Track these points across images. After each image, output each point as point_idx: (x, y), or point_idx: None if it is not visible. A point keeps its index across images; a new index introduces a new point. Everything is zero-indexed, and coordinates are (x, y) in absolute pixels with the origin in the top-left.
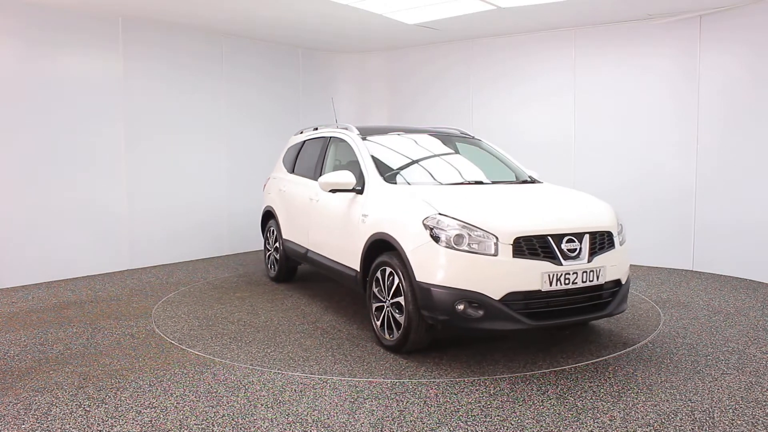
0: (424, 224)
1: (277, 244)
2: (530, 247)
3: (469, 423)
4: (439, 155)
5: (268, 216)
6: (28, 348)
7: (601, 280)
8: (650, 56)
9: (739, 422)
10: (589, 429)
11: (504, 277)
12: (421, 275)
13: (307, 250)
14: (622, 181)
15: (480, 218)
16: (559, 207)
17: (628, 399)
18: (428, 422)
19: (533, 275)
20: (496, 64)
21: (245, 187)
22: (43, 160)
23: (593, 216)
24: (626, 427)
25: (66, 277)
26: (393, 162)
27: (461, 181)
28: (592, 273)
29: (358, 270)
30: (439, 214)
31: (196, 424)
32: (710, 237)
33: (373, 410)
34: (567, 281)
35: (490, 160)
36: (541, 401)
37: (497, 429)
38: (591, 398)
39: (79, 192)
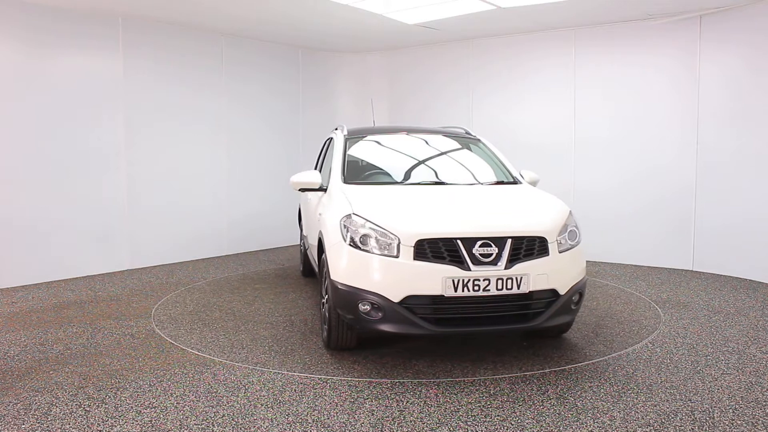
0: (340, 223)
1: (302, 240)
2: (435, 250)
3: (469, 423)
4: (420, 156)
5: (299, 214)
6: (28, 348)
7: (524, 289)
8: (650, 56)
9: (739, 422)
10: (589, 429)
11: (403, 279)
12: (333, 273)
13: (309, 246)
14: (622, 180)
15: (387, 219)
16: (490, 210)
17: (628, 399)
18: (428, 422)
19: (434, 279)
20: (496, 63)
21: (246, 187)
22: (43, 159)
23: (525, 220)
24: (626, 427)
25: (66, 277)
26: (367, 162)
27: (419, 182)
28: (510, 281)
29: (318, 266)
30: (353, 214)
31: (196, 424)
32: (710, 237)
33: (373, 410)
34: (477, 288)
35: (475, 161)
36: (541, 401)
37: (497, 429)
38: (591, 398)
39: (79, 192)
